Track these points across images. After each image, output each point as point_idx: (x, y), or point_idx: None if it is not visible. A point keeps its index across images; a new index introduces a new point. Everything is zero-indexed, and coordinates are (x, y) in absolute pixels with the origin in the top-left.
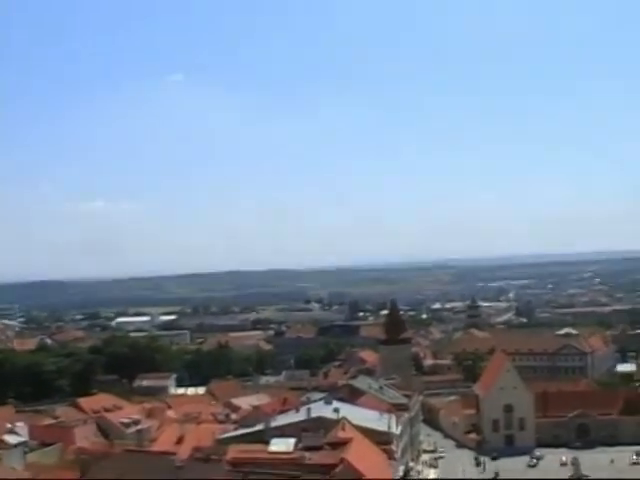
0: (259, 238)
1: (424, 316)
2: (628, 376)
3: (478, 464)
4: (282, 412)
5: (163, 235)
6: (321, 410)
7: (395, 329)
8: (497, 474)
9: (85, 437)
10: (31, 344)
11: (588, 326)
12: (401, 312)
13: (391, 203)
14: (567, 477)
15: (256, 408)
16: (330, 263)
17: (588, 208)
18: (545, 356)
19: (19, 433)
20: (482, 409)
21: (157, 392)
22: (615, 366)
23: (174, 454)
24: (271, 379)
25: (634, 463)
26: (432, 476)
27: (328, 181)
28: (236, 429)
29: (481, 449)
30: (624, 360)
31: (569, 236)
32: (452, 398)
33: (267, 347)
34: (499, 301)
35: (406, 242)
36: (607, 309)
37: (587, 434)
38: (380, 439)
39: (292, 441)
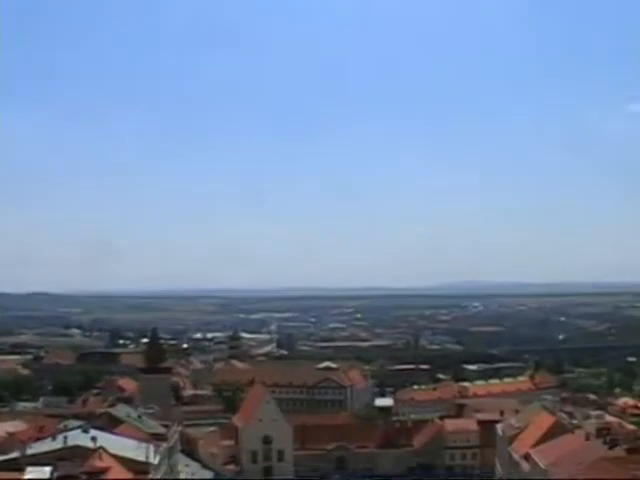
0: (21, 260)
1: (185, 345)
2: (386, 410)
3: None
4: (38, 440)
5: None
6: (78, 438)
7: (155, 358)
8: None
9: None
10: None
11: (348, 360)
12: (162, 341)
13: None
14: None
15: (11, 435)
16: (93, 288)
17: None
18: (305, 389)
19: None
20: (241, 440)
21: None
22: (374, 400)
23: None
24: (28, 405)
25: None
26: None
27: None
28: None
29: None
30: (382, 395)
31: (332, 271)
32: (211, 429)
33: (25, 372)
34: (261, 333)
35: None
36: (367, 344)
37: (345, 466)
38: (138, 468)
39: (47, 469)
